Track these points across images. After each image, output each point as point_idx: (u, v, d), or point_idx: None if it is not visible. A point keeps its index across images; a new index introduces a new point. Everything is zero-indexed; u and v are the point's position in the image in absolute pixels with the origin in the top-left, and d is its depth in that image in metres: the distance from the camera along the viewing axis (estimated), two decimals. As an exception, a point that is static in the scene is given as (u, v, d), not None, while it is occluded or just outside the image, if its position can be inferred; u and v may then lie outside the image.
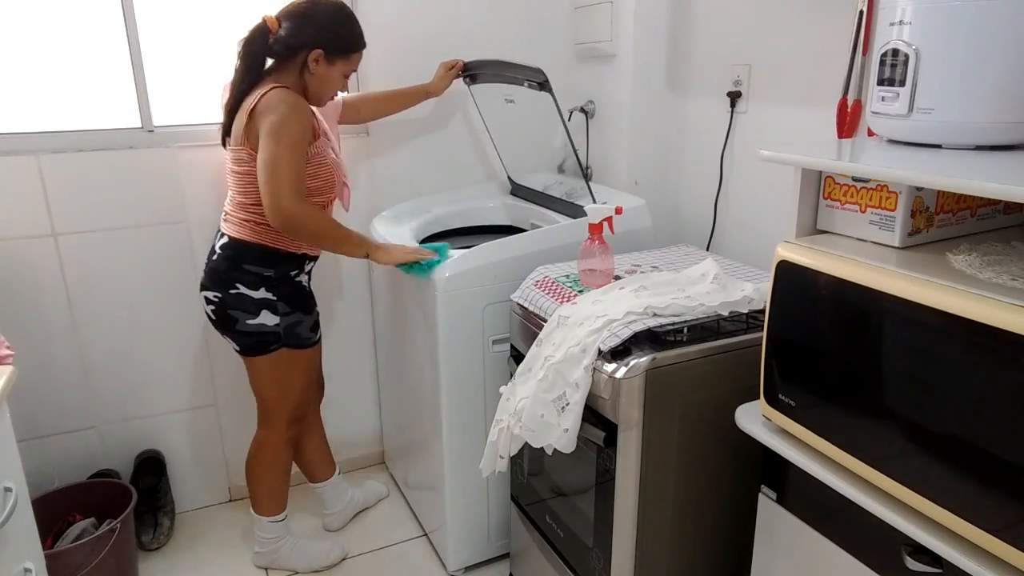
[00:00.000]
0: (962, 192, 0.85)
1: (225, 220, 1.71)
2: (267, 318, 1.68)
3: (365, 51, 2.10)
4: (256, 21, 1.62)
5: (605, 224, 1.50)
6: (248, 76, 1.62)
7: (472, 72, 2.05)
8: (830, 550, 1.07)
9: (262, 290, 1.67)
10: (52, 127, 1.87)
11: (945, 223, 1.04)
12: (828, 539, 1.08)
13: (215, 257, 1.69)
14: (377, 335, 2.31)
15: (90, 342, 2.00)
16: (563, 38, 2.24)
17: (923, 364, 0.87)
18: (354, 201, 2.16)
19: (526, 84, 1.80)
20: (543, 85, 1.73)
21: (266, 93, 1.56)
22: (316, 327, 1.80)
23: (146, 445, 2.15)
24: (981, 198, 1.05)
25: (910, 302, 0.87)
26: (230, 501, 2.29)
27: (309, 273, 1.80)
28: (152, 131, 1.96)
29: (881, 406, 0.92)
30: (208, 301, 1.70)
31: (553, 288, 1.54)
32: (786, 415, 1.09)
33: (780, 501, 1.16)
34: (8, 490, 1.21)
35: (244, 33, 1.63)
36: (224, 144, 1.69)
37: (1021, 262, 0.91)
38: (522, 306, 1.59)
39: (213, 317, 1.71)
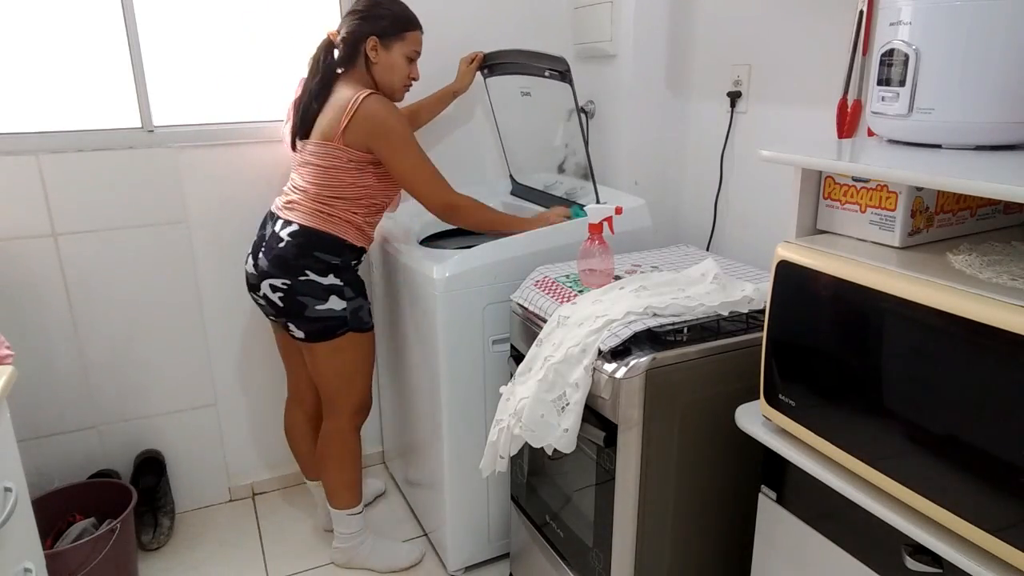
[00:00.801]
0: (962, 192, 0.85)
1: (291, 208, 1.73)
2: (335, 303, 1.71)
3: None
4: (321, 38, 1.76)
5: (605, 224, 1.50)
6: (321, 82, 1.73)
7: (491, 63, 2.05)
8: (830, 550, 1.07)
9: (330, 276, 1.71)
10: (52, 127, 1.87)
11: (945, 223, 1.04)
12: (828, 539, 1.08)
13: (282, 244, 1.69)
14: (377, 335, 2.31)
15: (90, 342, 2.00)
16: (563, 38, 2.24)
17: (923, 364, 0.87)
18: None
19: (547, 74, 1.79)
20: (564, 75, 1.72)
21: (364, 98, 1.64)
22: (371, 313, 1.84)
23: (146, 445, 2.15)
24: (981, 198, 1.05)
25: (910, 302, 0.87)
26: (230, 501, 2.29)
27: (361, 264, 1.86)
28: (152, 131, 1.96)
29: (881, 406, 0.92)
30: (274, 288, 1.70)
31: (553, 288, 1.54)
32: (786, 415, 1.09)
33: (780, 501, 1.16)
34: (8, 490, 1.21)
35: (312, 51, 1.76)
36: (293, 143, 1.78)
37: (1021, 262, 0.91)
38: (522, 306, 1.59)
39: (280, 304, 1.71)
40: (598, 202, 1.73)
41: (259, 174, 2.07)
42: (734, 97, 1.82)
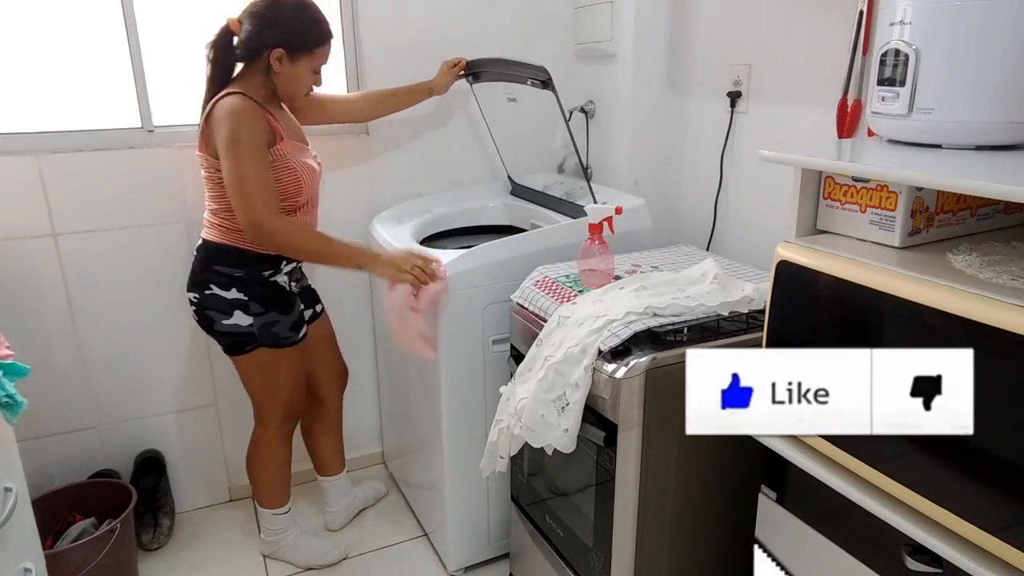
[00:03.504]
0: (962, 192, 0.85)
1: (204, 222, 1.74)
2: (240, 318, 1.69)
3: (366, 52, 2.10)
4: (220, 24, 1.63)
5: (605, 224, 1.50)
6: (217, 80, 1.64)
7: (475, 70, 2.05)
8: (830, 550, 1.07)
9: (233, 290, 1.68)
10: (52, 127, 1.87)
11: (945, 223, 1.04)
12: (828, 539, 1.07)
13: (193, 259, 1.72)
14: (377, 335, 2.31)
15: (90, 342, 2.00)
16: (563, 38, 2.24)
17: (923, 364, 0.87)
18: (353, 201, 2.16)
19: (529, 82, 1.79)
20: (546, 83, 1.72)
21: (219, 100, 1.58)
22: (298, 326, 1.78)
23: (146, 445, 2.15)
24: (981, 198, 1.05)
25: (910, 302, 0.87)
26: (230, 501, 2.29)
27: (290, 273, 1.79)
28: (152, 131, 1.96)
29: (881, 406, 0.92)
30: (191, 303, 1.73)
31: (553, 288, 1.54)
32: (786, 415, 1.09)
33: (780, 501, 1.16)
34: (8, 490, 1.21)
35: (210, 36, 1.63)
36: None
37: (1021, 262, 0.91)
38: (522, 306, 1.59)
39: (196, 318, 1.74)
40: (595, 203, 1.73)
41: (259, 174, 2.07)
42: (734, 97, 1.82)
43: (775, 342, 1.10)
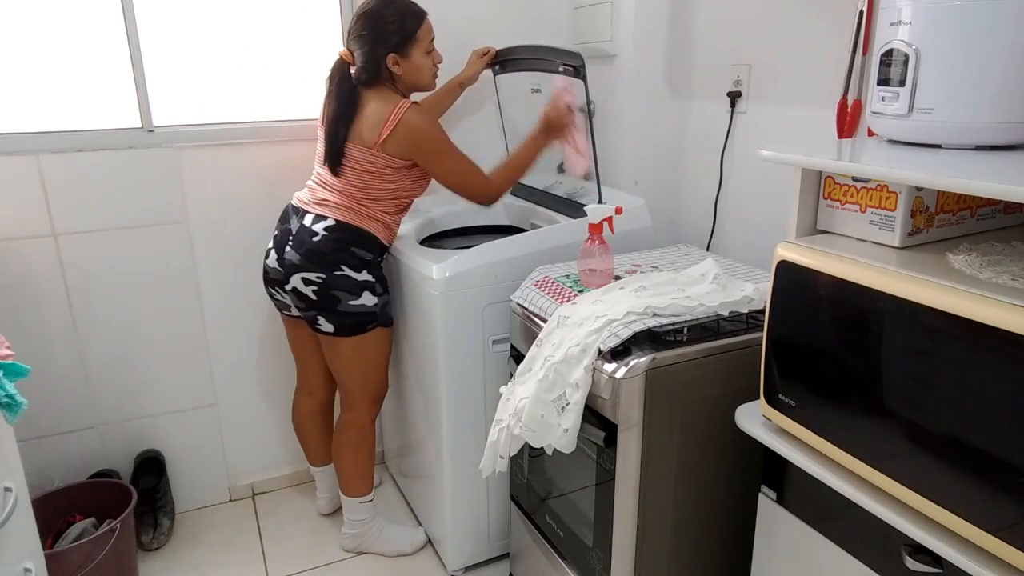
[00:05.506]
0: (962, 192, 0.85)
1: (323, 204, 1.74)
2: (368, 299, 1.75)
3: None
4: (335, 57, 1.75)
5: (605, 224, 1.50)
6: (349, 99, 1.71)
7: (503, 59, 2.04)
8: (830, 550, 1.07)
9: (364, 272, 1.75)
10: (52, 127, 1.87)
11: (945, 223, 1.04)
12: (828, 539, 1.08)
13: (317, 238, 1.71)
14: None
15: (90, 342, 2.00)
16: (563, 38, 2.24)
17: (923, 364, 0.87)
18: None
19: (561, 69, 1.78)
20: (578, 70, 1.71)
21: (406, 111, 1.67)
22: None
23: (146, 445, 2.15)
24: (981, 198, 1.05)
25: (910, 302, 0.87)
26: (230, 501, 2.29)
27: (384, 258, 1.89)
28: (152, 131, 1.96)
29: (881, 406, 0.92)
30: (308, 282, 1.71)
31: (553, 288, 1.54)
32: (786, 415, 1.09)
33: (780, 501, 1.16)
34: (8, 490, 1.21)
35: (328, 70, 1.75)
36: (327, 157, 1.73)
37: (1021, 262, 0.91)
38: (522, 306, 1.59)
39: (314, 297, 1.72)
40: (600, 202, 1.73)
41: (259, 174, 2.07)
42: (734, 97, 1.82)
43: (775, 342, 1.10)
